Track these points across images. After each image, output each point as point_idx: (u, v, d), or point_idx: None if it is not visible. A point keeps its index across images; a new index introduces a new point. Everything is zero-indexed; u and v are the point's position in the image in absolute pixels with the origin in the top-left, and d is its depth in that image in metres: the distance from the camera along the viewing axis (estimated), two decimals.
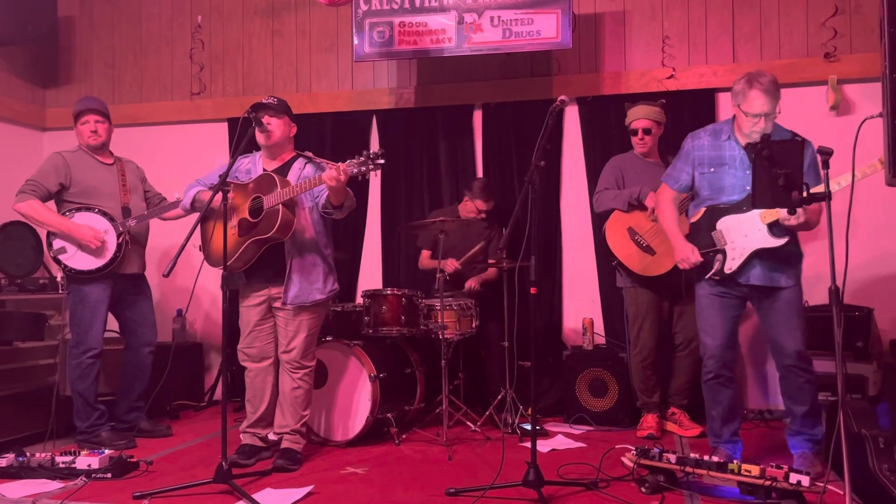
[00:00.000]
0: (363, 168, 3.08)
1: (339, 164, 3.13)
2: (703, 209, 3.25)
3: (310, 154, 3.54)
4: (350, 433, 3.83)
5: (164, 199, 4.24)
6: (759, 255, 3.11)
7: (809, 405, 3.21)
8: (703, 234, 3.23)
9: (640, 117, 4.11)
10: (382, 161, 3.07)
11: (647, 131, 4.11)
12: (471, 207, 4.48)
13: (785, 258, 3.12)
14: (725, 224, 3.16)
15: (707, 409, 3.35)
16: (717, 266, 3.17)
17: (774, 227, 3.06)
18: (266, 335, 3.53)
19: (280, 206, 3.25)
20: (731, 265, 3.14)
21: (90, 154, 4.01)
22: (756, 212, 3.05)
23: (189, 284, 4.08)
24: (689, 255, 3.21)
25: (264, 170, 3.49)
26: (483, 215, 4.47)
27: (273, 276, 3.42)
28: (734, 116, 3.20)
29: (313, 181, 3.23)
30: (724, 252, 3.16)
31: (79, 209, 3.89)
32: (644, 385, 4.09)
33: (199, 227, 3.51)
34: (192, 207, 3.55)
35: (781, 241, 3.06)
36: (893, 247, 4.35)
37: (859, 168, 2.91)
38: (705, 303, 3.27)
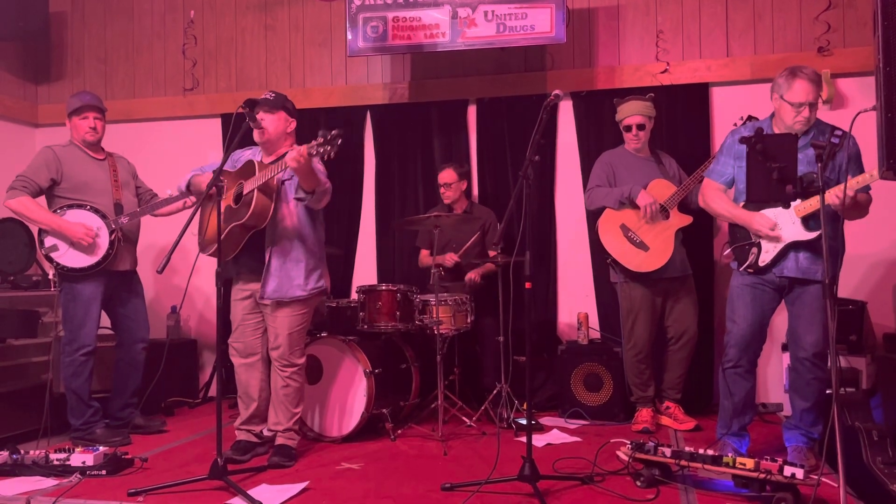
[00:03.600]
0: (321, 149, 3.03)
1: (302, 146, 3.10)
2: (742, 203, 3.26)
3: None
4: (345, 429, 3.82)
5: (156, 196, 4.22)
6: (795, 247, 3.12)
7: (812, 402, 3.20)
8: (740, 227, 3.26)
9: (633, 113, 4.10)
10: (340, 140, 3.03)
11: (640, 127, 4.10)
12: (447, 194, 4.50)
13: (822, 252, 3.12)
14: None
15: (721, 398, 3.36)
16: (751, 258, 3.20)
17: (810, 220, 3.08)
18: (253, 330, 3.51)
19: (255, 191, 3.24)
20: (764, 258, 3.16)
21: (82, 149, 3.98)
22: (792, 205, 3.07)
23: (182, 283, 4.07)
24: (762, 225, 3.14)
25: (260, 163, 3.47)
26: (452, 190, 4.48)
27: (259, 269, 3.41)
28: (772, 114, 3.23)
29: (279, 165, 3.20)
30: (759, 245, 3.18)
31: (70, 206, 3.86)
32: (638, 379, 4.10)
33: (196, 216, 3.51)
34: (189, 190, 3.54)
35: (814, 234, 3.06)
36: (887, 240, 4.37)
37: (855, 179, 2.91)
38: (736, 293, 3.28)
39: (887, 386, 3.55)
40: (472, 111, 4.99)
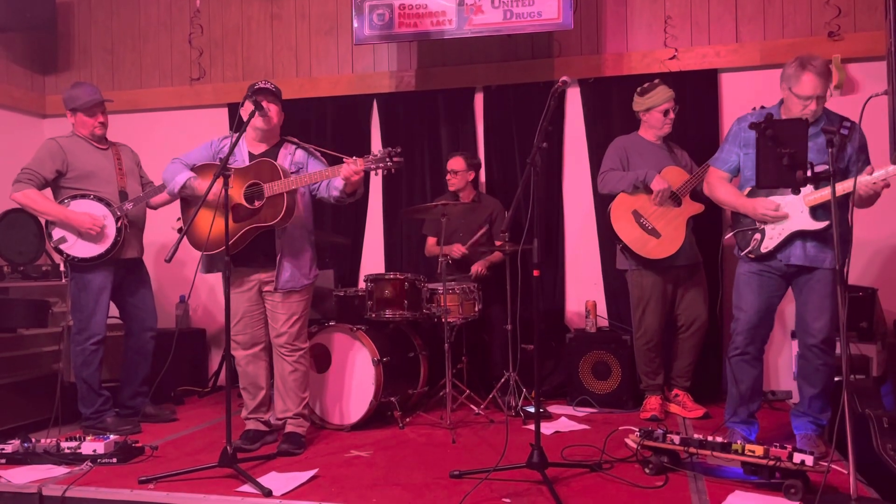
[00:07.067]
0: (381, 164, 3.15)
1: (358, 159, 3.18)
2: (748, 189, 3.24)
3: (296, 139, 3.56)
4: (354, 417, 3.84)
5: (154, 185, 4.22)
6: (802, 235, 3.09)
7: (820, 388, 3.19)
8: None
9: (668, 99, 4.05)
10: (400, 159, 3.14)
11: (673, 111, 4.08)
12: (452, 181, 4.49)
13: (832, 239, 3.09)
14: None
15: (728, 386, 3.35)
16: (753, 244, 3.17)
17: (818, 210, 3.05)
18: (256, 321, 3.52)
19: (285, 194, 3.26)
20: (767, 244, 3.14)
21: (86, 139, 3.99)
22: (801, 194, 3.04)
23: (187, 274, 4.06)
24: (766, 209, 3.11)
25: (250, 153, 3.47)
26: (458, 178, 4.47)
27: (265, 261, 3.42)
28: (781, 101, 3.19)
29: (326, 173, 3.28)
30: (763, 231, 3.15)
31: (74, 197, 3.87)
32: (648, 367, 4.09)
33: (185, 211, 3.54)
34: (181, 194, 3.47)
35: (822, 225, 3.04)
36: None
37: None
38: (743, 280, 3.26)
39: None
40: (478, 99, 4.97)
